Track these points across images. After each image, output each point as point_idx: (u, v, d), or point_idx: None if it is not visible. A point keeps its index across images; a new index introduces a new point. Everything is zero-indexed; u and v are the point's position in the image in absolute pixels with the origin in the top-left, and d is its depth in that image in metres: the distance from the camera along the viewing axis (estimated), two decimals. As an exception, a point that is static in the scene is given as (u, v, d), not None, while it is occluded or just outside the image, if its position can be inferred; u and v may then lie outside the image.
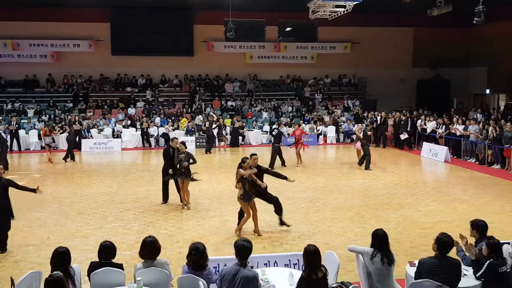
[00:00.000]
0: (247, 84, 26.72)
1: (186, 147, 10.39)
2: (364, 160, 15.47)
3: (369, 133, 16.42)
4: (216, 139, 20.29)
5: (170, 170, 10.41)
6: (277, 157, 15.52)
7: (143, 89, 25.77)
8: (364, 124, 18.77)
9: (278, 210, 8.89)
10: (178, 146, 10.35)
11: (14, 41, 24.17)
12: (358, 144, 15.78)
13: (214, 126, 20.37)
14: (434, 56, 26.57)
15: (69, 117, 20.68)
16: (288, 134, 17.29)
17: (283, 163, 15.72)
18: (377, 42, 26.39)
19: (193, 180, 10.39)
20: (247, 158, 8.47)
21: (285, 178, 8.90)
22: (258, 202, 8.77)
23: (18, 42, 24.24)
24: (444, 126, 18.51)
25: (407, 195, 11.71)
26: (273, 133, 16.43)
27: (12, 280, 5.09)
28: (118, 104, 24.70)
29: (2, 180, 7.70)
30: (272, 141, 16.48)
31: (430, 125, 19.44)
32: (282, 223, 8.95)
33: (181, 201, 10.63)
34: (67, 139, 18.29)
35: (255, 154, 8.79)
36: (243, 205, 8.44)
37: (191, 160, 10.23)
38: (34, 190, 8.00)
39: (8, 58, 24.49)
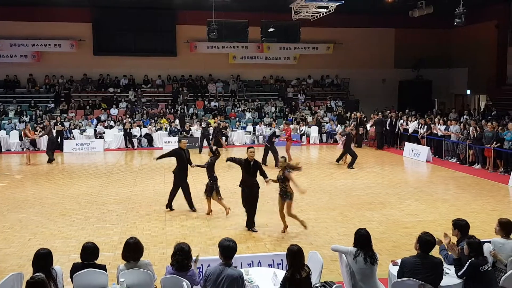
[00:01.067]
0: (230, 84, 26.70)
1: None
2: (342, 158, 16.24)
3: (353, 132, 16.89)
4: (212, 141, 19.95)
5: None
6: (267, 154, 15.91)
7: (125, 89, 25.56)
8: (348, 125, 19.06)
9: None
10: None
11: (-6, 41, 23.75)
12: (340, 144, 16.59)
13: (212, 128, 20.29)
14: (415, 57, 26.93)
15: (46, 122, 20.03)
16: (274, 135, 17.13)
17: (263, 162, 15.83)
18: (359, 42, 26.62)
19: None
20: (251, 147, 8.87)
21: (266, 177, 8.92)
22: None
23: (-2, 42, 23.82)
24: (425, 126, 18.78)
25: (390, 194, 11.85)
26: (267, 133, 16.57)
27: (-8, 283, 5.01)
28: (100, 104, 24.45)
29: None
30: (266, 141, 16.59)
31: (412, 125, 19.71)
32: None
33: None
34: (48, 140, 18.04)
35: (252, 147, 9.02)
36: (280, 201, 8.62)
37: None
38: None
39: (-13, 58, 24.05)
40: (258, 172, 8.85)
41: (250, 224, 8.90)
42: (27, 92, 24.76)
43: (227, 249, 4.84)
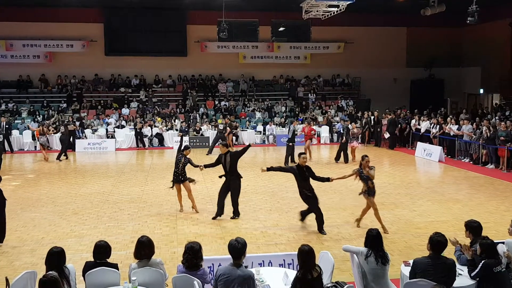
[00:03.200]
0: (241, 84, 26.72)
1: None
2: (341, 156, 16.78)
3: (355, 130, 17.37)
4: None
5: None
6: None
7: (136, 89, 25.71)
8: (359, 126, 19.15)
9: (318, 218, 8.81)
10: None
11: (8, 42, 24.03)
12: (355, 142, 16.90)
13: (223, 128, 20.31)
14: (427, 56, 26.71)
15: (63, 119, 20.41)
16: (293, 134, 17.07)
17: (292, 160, 16.13)
18: (370, 42, 26.48)
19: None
20: (366, 156, 8.73)
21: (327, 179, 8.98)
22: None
23: (12, 43, 24.10)
24: (438, 126, 18.61)
25: (401, 195, 11.76)
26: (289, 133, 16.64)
27: (7, 280, 5.07)
28: (112, 104, 24.63)
29: None
30: (287, 141, 16.69)
31: (424, 125, 19.54)
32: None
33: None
34: (60, 139, 18.31)
35: (304, 153, 8.95)
36: (367, 200, 8.74)
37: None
38: None
39: (1, 59, 24.33)
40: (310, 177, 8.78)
41: (321, 228, 8.74)
42: (40, 92, 25.04)
43: (233, 249, 4.85)
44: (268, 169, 8.98)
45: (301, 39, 25.15)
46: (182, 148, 10.14)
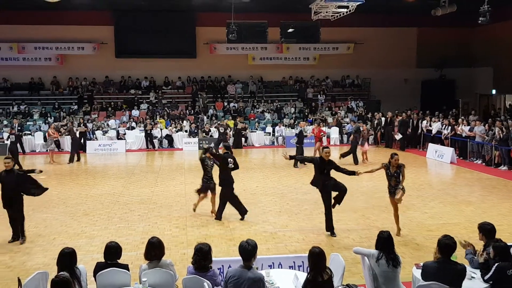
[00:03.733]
0: (250, 85, 26.73)
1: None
2: (348, 155, 16.66)
3: (365, 132, 17.51)
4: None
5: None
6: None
7: (146, 91, 25.85)
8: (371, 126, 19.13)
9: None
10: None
11: (20, 44, 24.29)
12: (366, 145, 17.09)
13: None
14: (438, 56, 26.50)
15: (69, 124, 20.46)
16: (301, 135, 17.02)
17: (295, 164, 16.07)
18: (380, 42, 26.34)
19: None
20: (396, 154, 8.60)
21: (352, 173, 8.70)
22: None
23: (23, 45, 24.36)
24: (449, 127, 18.44)
25: (413, 196, 11.65)
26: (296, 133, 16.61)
27: (19, 281, 5.11)
28: (122, 106, 24.78)
29: (15, 173, 8.29)
30: (296, 142, 16.62)
31: (435, 126, 19.37)
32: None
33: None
34: (72, 141, 18.51)
35: (327, 147, 8.70)
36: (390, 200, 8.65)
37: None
38: (34, 171, 8.65)
39: (13, 61, 24.62)
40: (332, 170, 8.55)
41: (331, 228, 8.63)
42: (51, 94, 25.27)
43: (243, 250, 4.83)
44: (291, 157, 9.04)
45: (310, 40, 25.04)
46: (205, 150, 10.01)
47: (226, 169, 9.48)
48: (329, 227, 8.65)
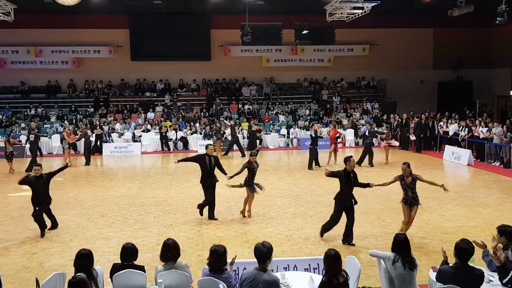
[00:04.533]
0: (264, 87, 26.73)
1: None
2: (364, 158, 16.57)
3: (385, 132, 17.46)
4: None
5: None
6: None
7: (161, 93, 26.05)
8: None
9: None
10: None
11: (37, 48, 24.73)
12: (385, 142, 17.12)
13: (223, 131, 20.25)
14: (455, 57, 26.19)
15: (83, 126, 20.64)
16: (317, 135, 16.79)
17: (317, 164, 16.22)
18: (396, 43, 26.15)
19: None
20: (404, 163, 8.39)
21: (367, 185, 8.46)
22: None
23: (41, 49, 24.79)
24: (466, 129, 18.19)
25: (429, 199, 11.50)
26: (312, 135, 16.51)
27: (37, 281, 5.17)
28: (137, 108, 25.01)
29: (44, 176, 9.00)
30: (309, 144, 16.57)
31: (452, 128, 19.13)
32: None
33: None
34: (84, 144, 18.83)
35: (352, 157, 8.48)
36: (406, 211, 8.29)
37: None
38: (65, 166, 9.95)
39: (31, 65, 25.07)
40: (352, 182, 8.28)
41: (348, 239, 8.30)
42: (68, 97, 25.64)
43: (260, 253, 4.81)
44: (331, 174, 8.49)
45: (325, 42, 25.01)
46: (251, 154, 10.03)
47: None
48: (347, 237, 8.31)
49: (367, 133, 17.96)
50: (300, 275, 5.63)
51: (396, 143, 17.48)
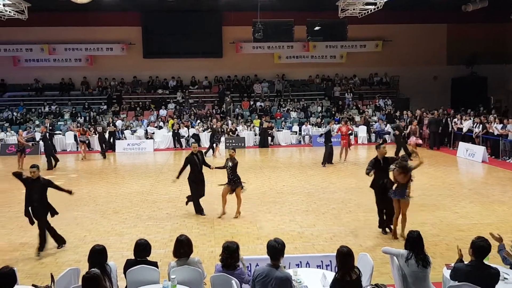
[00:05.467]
0: (276, 84, 26.69)
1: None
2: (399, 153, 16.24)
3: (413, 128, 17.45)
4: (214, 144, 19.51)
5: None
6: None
7: (173, 90, 26.15)
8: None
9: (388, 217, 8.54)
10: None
11: (50, 46, 24.99)
12: (413, 138, 16.93)
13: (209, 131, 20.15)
14: (469, 52, 25.86)
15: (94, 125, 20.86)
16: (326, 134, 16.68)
17: (324, 162, 16.09)
18: (409, 39, 25.89)
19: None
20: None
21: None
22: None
23: (54, 47, 25.04)
24: (481, 125, 17.96)
25: (443, 196, 11.41)
26: (323, 131, 16.45)
27: (52, 276, 5.25)
28: (150, 106, 25.15)
29: (41, 180, 7.90)
30: (324, 141, 16.55)
31: (466, 124, 18.90)
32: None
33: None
34: (99, 139, 19.09)
35: (384, 145, 8.68)
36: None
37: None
38: (69, 192, 8.22)
39: (45, 63, 25.35)
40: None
41: (383, 225, 8.54)
42: (81, 95, 25.90)
43: (273, 250, 4.82)
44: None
45: (337, 38, 24.81)
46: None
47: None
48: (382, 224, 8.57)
49: (378, 129, 17.90)
50: (313, 271, 5.62)
51: (420, 141, 17.42)
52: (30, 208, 7.84)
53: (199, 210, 10.10)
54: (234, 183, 9.52)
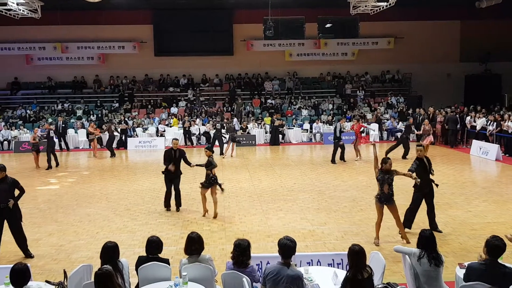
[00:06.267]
0: (287, 82, 26.64)
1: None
2: (392, 149, 16.40)
3: (427, 127, 16.96)
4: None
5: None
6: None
7: (185, 88, 26.24)
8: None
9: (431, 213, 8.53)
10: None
11: (63, 44, 25.22)
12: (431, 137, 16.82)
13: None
14: (483, 49, 25.54)
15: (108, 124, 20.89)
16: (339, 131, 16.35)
17: (342, 159, 16.17)
18: (422, 36, 25.65)
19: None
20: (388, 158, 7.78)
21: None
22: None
23: (67, 45, 25.27)
24: (495, 123, 17.74)
25: (456, 194, 11.30)
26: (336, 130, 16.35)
27: (65, 273, 5.30)
28: (161, 103, 25.27)
29: (9, 181, 7.33)
30: (333, 138, 16.55)
31: (480, 122, 18.68)
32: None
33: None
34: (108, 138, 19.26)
35: (421, 145, 8.66)
36: (376, 206, 7.93)
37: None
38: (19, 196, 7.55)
39: (57, 61, 25.58)
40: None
41: (434, 226, 8.42)
42: (93, 93, 26.12)
43: (286, 248, 4.80)
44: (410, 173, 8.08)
45: (348, 35, 24.60)
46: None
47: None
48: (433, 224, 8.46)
49: (403, 128, 17.79)
50: (324, 270, 5.59)
51: (432, 139, 17.29)
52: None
53: (166, 205, 10.32)
54: (209, 183, 9.60)
